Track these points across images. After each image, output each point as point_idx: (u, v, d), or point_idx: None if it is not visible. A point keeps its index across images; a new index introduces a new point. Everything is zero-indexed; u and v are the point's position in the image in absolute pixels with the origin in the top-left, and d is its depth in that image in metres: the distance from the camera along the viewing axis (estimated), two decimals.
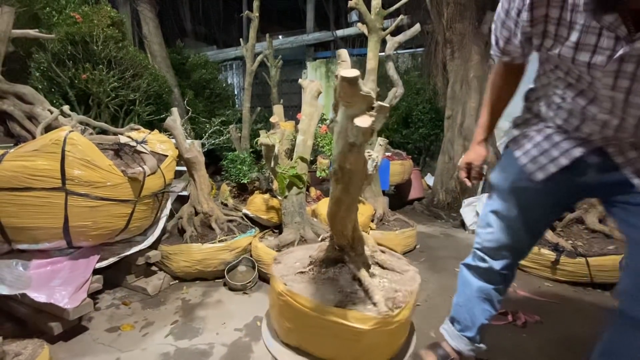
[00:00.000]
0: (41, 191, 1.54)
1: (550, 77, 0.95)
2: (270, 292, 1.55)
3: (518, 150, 1.06)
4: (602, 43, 0.75)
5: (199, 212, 2.34)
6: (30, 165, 1.52)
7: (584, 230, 2.32)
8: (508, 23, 0.90)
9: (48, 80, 3.02)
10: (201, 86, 5.14)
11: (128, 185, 1.75)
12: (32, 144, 1.56)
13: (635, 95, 0.78)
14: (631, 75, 0.75)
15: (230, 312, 1.85)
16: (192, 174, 2.37)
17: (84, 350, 1.54)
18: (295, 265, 1.55)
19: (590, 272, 2.04)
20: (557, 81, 0.93)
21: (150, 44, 4.42)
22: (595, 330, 1.67)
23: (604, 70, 0.77)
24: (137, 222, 1.89)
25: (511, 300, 1.94)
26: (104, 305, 1.90)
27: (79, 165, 1.59)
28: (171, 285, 2.14)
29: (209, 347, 1.57)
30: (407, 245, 2.66)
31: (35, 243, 1.64)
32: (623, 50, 0.72)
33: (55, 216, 1.59)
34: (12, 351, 1.35)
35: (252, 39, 3.66)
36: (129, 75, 3.32)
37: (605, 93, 0.81)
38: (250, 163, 3.07)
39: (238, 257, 2.18)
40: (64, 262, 1.70)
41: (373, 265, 1.34)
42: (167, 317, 1.80)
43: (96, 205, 1.66)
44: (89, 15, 3.14)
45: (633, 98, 0.78)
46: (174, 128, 2.30)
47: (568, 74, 0.87)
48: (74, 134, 1.61)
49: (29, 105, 1.92)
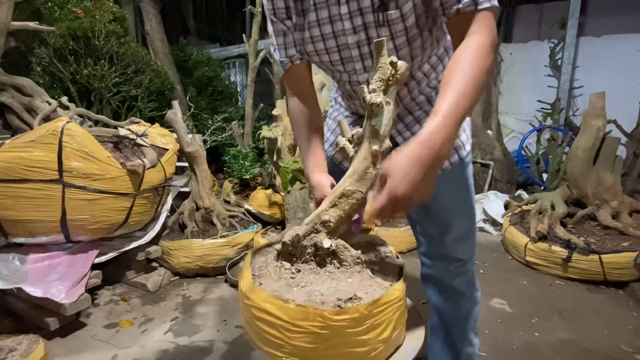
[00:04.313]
0: (38, 183, 1.50)
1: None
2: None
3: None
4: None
5: (200, 207, 2.30)
6: (27, 157, 1.48)
7: (596, 226, 2.25)
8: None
9: (49, 76, 2.99)
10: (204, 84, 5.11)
11: (127, 179, 1.71)
12: (28, 135, 1.52)
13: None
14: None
15: (231, 309, 1.80)
16: (193, 169, 2.33)
17: (81, 347, 1.50)
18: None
19: (603, 269, 1.97)
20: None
21: (152, 40, 4.39)
22: (610, 329, 1.62)
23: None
24: (136, 216, 1.85)
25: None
26: (103, 301, 1.86)
27: (77, 156, 1.56)
28: (171, 281, 2.10)
29: (209, 344, 1.53)
30: (412, 242, 2.59)
31: (32, 237, 1.60)
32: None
33: (53, 209, 1.55)
34: (7, 347, 1.31)
35: (254, 34, 3.62)
36: (131, 71, 3.29)
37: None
38: (252, 158, 3.03)
39: (240, 253, 2.14)
40: (62, 257, 1.67)
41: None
42: (167, 313, 1.76)
43: (94, 198, 1.62)
44: (90, 10, 3.12)
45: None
46: (175, 121, 2.26)
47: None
48: (72, 124, 1.58)
49: (28, 98, 1.89)
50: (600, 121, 2.19)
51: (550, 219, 2.27)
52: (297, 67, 0.89)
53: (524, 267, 2.27)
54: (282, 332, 0.65)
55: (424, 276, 1.06)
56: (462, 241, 0.97)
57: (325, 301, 0.66)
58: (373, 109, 0.68)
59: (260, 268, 0.78)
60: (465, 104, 0.65)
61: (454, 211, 0.95)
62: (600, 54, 4.14)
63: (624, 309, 1.80)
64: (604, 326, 1.65)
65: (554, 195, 2.47)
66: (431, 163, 0.64)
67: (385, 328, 0.67)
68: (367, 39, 0.78)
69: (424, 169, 0.63)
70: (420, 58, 0.83)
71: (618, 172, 2.27)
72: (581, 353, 1.47)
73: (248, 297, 0.70)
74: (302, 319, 0.63)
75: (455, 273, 0.99)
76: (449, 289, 1.01)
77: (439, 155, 0.64)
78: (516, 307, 1.81)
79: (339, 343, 0.64)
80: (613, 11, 4.06)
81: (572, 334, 1.60)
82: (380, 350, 0.68)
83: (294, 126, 0.94)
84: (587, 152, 2.24)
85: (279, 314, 0.65)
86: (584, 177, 2.29)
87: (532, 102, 4.46)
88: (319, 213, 0.75)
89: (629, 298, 1.90)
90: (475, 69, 0.66)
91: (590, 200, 2.30)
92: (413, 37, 0.78)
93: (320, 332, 0.63)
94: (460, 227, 0.96)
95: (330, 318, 0.62)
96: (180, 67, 4.86)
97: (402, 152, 0.65)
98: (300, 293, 0.69)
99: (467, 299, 1.02)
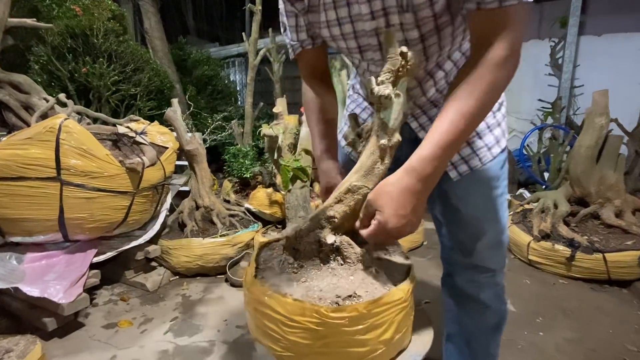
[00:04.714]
0: (35, 181, 1.48)
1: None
2: None
3: (339, 133, 1.02)
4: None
5: (200, 206, 2.28)
6: (24, 154, 1.45)
7: (599, 225, 2.23)
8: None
9: (48, 74, 2.96)
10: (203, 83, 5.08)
11: (126, 177, 1.69)
12: (25, 132, 1.50)
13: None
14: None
15: (232, 308, 1.78)
16: (193, 167, 2.31)
17: (80, 347, 1.47)
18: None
19: (607, 268, 1.95)
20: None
21: (151, 38, 4.36)
22: (615, 328, 1.60)
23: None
24: (136, 215, 1.82)
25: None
26: (102, 301, 1.84)
27: (75, 154, 1.53)
28: (171, 281, 2.07)
29: (209, 344, 1.50)
30: (413, 241, 2.58)
31: (29, 235, 1.57)
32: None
33: (50, 207, 1.53)
34: (3, 348, 1.29)
35: (254, 32, 3.60)
36: (129, 69, 3.26)
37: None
38: (252, 157, 3.00)
39: (240, 252, 2.11)
40: (60, 256, 1.64)
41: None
42: (166, 313, 1.74)
43: (93, 197, 1.59)
44: (89, 8, 3.09)
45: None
46: (175, 119, 2.24)
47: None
48: (70, 121, 1.55)
49: (25, 95, 1.86)
50: (604, 119, 2.17)
51: (553, 217, 2.25)
52: (308, 53, 0.83)
53: (527, 266, 2.25)
54: (279, 326, 0.64)
55: (445, 283, 0.98)
56: (494, 249, 0.87)
57: (323, 297, 0.64)
58: (381, 102, 0.66)
59: (265, 261, 0.77)
60: (465, 127, 0.59)
61: (488, 215, 0.85)
62: (600, 53, 4.13)
63: (629, 308, 1.78)
64: (608, 325, 1.63)
65: (556, 194, 2.45)
66: (420, 192, 0.60)
67: (386, 329, 0.65)
68: (386, 26, 0.69)
69: (414, 199, 0.60)
70: (450, 47, 0.74)
71: (621, 170, 2.25)
72: (587, 353, 1.45)
73: (249, 290, 0.70)
74: (299, 314, 0.62)
75: (483, 284, 0.90)
76: (473, 301, 0.91)
77: (428, 183, 0.60)
78: (520, 306, 1.79)
79: (335, 341, 0.63)
80: (613, 10, 4.04)
81: (577, 333, 1.58)
82: (381, 352, 0.66)
83: (306, 111, 0.91)
84: (590, 150, 2.22)
85: (277, 308, 0.64)
86: (586, 176, 2.27)
87: (533, 101, 4.44)
88: (324, 208, 0.73)
89: (633, 297, 1.88)
90: (488, 85, 0.58)
91: (593, 198, 2.29)
92: (443, 24, 0.68)
93: (316, 329, 0.62)
94: (494, 233, 0.86)
95: (326, 315, 0.61)
96: (179, 66, 4.84)
97: (390, 181, 0.62)
98: (300, 288, 0.68)
99: (493, 312, 0.92)
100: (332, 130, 0.89)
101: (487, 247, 0.87)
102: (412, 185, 0.59)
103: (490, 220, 0.86)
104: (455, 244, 0.90)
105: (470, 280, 0.90)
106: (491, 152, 0.83)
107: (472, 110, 0.58)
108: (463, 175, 0.83)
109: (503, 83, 0.61)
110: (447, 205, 0.87)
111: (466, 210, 0.85)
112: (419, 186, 0.59)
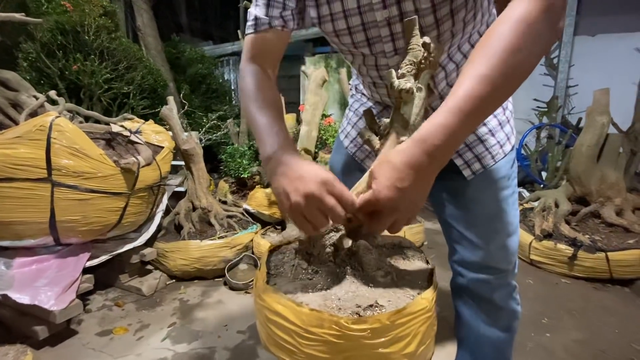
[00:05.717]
0: (25, 182, 1.41)
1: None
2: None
3: (341, 133, 1.01)
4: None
5: (197, 207, 2.21)
6: (12, 154, 1.38)
7: (600, 224, 2.23)
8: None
9: (37, 72, 2.87)
10: (197, 81, 5.01)
11: (121, 177, 1.62)
12: (14, 131, 1.43)
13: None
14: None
15: (231, 313, 1.72)
16: (189, 167, 2.25)
17: (73, 356, 1.41)
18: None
19: (610, 267, 1.94)
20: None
21: (144, 36, 4.27)
22: (620, 327, 1.59)
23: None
24: (130, 217, 1.76)
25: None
26: (95, 307, 1.77)
27: (67, 154, 1.46)
28: (168, 285, 2.01)
29: (210, 351, 1.45)
30: (415, 241, 2.52)
31: (18, 239, 1.50)
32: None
33: (41, 210, 1.46)
34: None
35: None
36: (122, 67, 3.18)
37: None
38: (250, 157, 2.95)
39: (239, 254, 2.06)
40: (51, 261, 1.57)
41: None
42: (163, 319, 1.68)
43: (86, 198, 1.53)
44: (80, 4, 3.00)
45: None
46: (171, 118, 2.17)
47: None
48: (61, 119, 1.48)
49: (13, 92, 1.78)
50: (605, 117, 2.17)
51: (555, 216, 2.24)
52: (272, 35, 0.72)
53: (528, 265, 2.24)
54: (294, 337, 0.59)
55: (455, 286, 0.95)
56: (506, 248, 0.86)
57: (342, 307, 0.59)
58: (402, 96, 0.61)
59: (276, 267, 0.72)
60: (485, 93, 0.49)
61: (500, 215, 0.84)
62: (594, 53, 4.16)
63: (632, 307, 1.78)
64: (614, 325, 1.62)
65: (557, 193, 2.44)
66: (426, 167, 0.52)
67: (410, 342, 0.60)
68: (399, 15, 0.65)
69: (416, 174, 0.52)
70: (461, 35, 0.71)
71: (621, 169, 2.25)
72: (596, 354, 1.43)
73: (261, 298, 0.64)
74: (316, 326, 0.57)
75: (496, 285, 0.88)
76: (486, 302, 0.89)
77: (437, 159, 0.52)
78: (525, 307, 1.72)
79: (356, 355, 0.58)
80: (606, 11, 4.08)
81: (583, 333, 1.56)
82: None
83: (250, 99, 0.72)
84: (591, 149, 2.22)
85: (292, 318, 0.59)
86: (587, 174, 2.27)
87: (528, 101, 4.46)
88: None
89: (636, 295, 1.88)
90: (510, 45, 0.49)
91: (593, 197, 2.28)
92: (459, 7, 0.64)
93: (335, 342, 0.57)
94: (506, 232, 0.84)
95: (347, 327, 0.56)
96: (172, 64, 4.75)
97: (395, 150, 0.55)
98: (316, 296, 0.63)
99: (505, 313, 0.91)
100: (284, 122, 0.72)
101: (499, 247, 0.85)
102: (417, 157, 0.51)
103: (502, 220, 0.84)
104: (466, 245, 0.88)
105: (482, 281, 0.88)
106: (503, 150, 0.82)
107: (489, 73, 0.49)
108: (476, 174, 0.82)
109: (537, 41, 0.50)
110: (458, 205, 0.86)
111: (478, 210, 0.84)
112: (425, 159, 0.51)
